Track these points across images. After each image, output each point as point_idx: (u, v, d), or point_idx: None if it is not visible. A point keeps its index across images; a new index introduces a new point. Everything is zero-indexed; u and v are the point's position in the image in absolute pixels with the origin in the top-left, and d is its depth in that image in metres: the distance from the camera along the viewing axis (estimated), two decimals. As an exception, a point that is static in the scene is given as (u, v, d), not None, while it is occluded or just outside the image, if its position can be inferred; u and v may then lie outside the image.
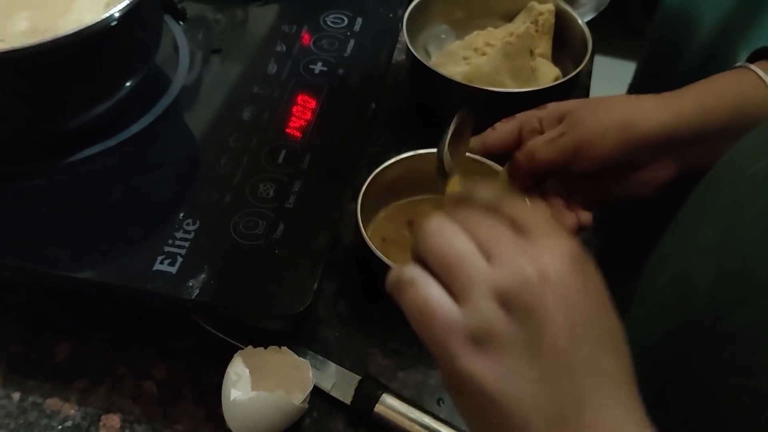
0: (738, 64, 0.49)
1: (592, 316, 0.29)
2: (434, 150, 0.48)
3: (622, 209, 0.67)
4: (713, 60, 0.63)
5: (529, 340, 0.28)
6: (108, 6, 0.51)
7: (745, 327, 0.33)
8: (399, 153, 0.54)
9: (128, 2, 0.45)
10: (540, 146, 0.48)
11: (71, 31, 0.43)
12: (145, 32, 0.51)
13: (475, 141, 0.52)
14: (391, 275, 0.31)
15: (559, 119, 0.50)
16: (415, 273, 0.30)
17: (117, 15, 0.45)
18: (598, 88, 0.70)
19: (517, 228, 0.30)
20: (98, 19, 0.44)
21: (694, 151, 0.47)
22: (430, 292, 0.29)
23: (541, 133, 0.50)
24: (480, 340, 0.28)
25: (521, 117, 0.51)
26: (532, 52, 0.60)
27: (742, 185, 0.37)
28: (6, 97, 0.44)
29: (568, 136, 0.48)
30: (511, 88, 0.59)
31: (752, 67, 0.47)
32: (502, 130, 0.51)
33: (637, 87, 0.82)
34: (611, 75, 1.38)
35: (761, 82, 0.47)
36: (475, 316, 0.28)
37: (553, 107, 0.50)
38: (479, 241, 0.29)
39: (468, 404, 0.30)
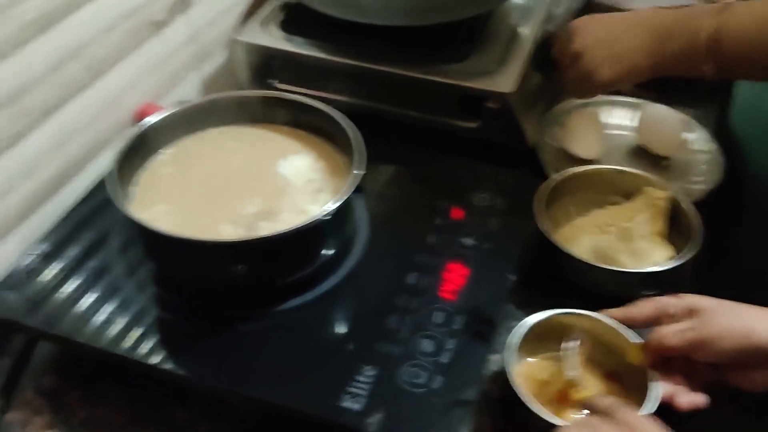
0: None
1: None
2: (570, 311, 0.63)
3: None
4: None
5: None
6: (316, 194, 0.67)
7: None
8: (530, 308, 0.66)
9: (340, 200, 0.61)
10: (669, 335, 0.59)
11: (298, 225, 0.59)
12: (340, 220, 0.67)
13: (618, 312, 0.63)
14: None
15: (691, 313, 0.60)
16: None
17: (332, 210, 0.61)
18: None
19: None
20: (318, 214, 0.60)
21: None
22: None
23: (674, 320, 0.60)
24: None
25: (661, 301, 0.62)
26: (646, 236, 0.72)
27: None
28: (249, 267, 0.60)
29: (695, 332, 0.58)
30: (628, 267, 0.70)
31: None
32: (643, 308, 0.62)
33: None
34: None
35: None
36: None
37: (689, 301, 0.60)
38: None
39: None
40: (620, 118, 0.94)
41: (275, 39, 0.87)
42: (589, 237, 0.74)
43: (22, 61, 0.65)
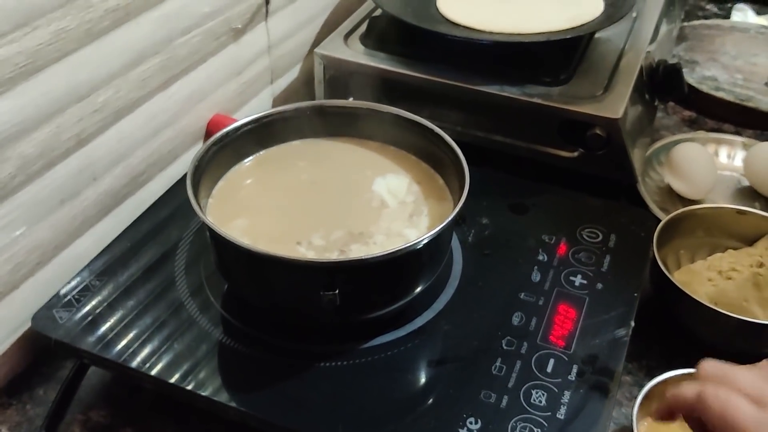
0: None
1: None
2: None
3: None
4: None
5: None
6: (412, 216, 0.60)
7: None
8: (644, 360, 0.61)
9: (444, 224, 0.53)
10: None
11: (403, 246, 0.51)
12: (441, 246, 0.59)
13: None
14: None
15: None
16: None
17: (425, 241, 0.53)
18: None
19: None
20: (422, 238, 0.52)
21: None
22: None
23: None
24: None
25: None
26: (782, 285, 0.63)
27: None
28: (341, 294, 0.52)
29: None
30: (759, 318, 0.61)
31: None
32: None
33: None
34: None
35: None
36: None
37: None
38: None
39: None
40: (725, 157, 0.86)
41: (357, 53, 0.81)
42: (710, 283, 0.66)
43: (99, 53, 0.59)
